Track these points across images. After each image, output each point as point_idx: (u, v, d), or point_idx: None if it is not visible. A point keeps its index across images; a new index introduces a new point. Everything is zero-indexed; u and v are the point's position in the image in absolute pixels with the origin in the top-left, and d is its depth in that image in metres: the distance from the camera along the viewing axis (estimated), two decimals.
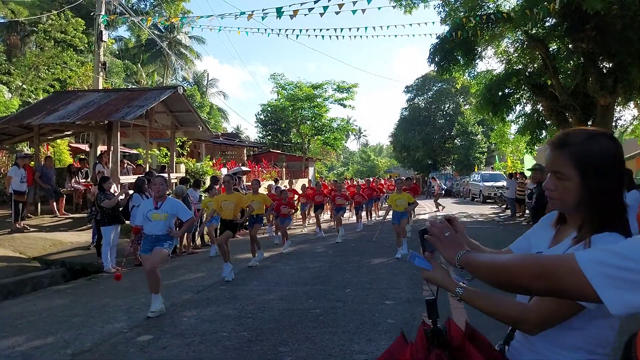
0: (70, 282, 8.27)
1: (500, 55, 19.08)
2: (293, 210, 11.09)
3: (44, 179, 11.89)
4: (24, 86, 21.85)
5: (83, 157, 15.92)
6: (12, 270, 8.30)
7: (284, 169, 26.35)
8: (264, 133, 42.14)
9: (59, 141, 16.32)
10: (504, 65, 19.10)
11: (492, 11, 16.29)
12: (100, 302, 6.44)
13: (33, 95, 21.82)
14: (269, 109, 38.01)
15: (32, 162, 12.26)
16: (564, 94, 15.56)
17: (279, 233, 10.65)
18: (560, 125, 17.11)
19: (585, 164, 1.32)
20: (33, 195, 11.94)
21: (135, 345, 4.54)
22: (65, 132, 15.01)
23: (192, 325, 5.09)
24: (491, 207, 22.03)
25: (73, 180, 13.22)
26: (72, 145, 18.13)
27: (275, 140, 40.02)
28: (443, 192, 35.81)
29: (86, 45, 23.17)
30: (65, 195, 12.94)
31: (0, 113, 16.00)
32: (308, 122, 34.41)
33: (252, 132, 54.95)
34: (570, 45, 15.90)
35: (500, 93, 18.01)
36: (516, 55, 18.82)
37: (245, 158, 28.25)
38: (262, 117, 41.73)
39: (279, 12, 11.17)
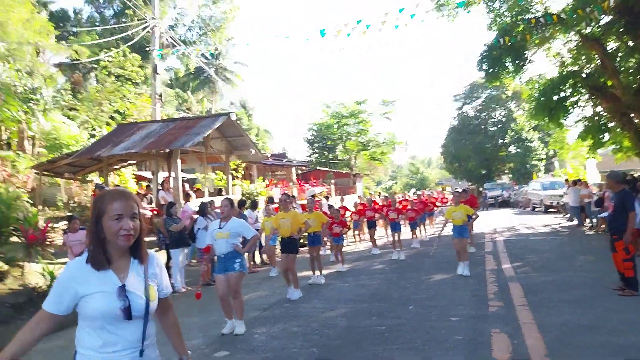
0: None
1: (552, 58, 18.50)
2: (345, 229, 11.08)
3: None
4: (89, 120, 23.31)
5: (148, 184, 16.74)
6: None
7: (332, 186, 26.51)
8: (311, 152, 42.64)
9: (123, 170, 17.29)
10: (557, 68, 18.49)
11: (541, 14, 15.89)
12: None
13: (98, 128, 23.25)
14: (315, 128, 38.54)
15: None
16: (627, 93, 14.82)
17: (334, 251, 10.72)
18: (624, 127, 16.30)
19: None
20: None
21: None
22: (129, 162, 15.90)
23: (263, 342, 5.27)
24: (554, 217, 21.14)
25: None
26: (135, 173, 19.14)
27: (322, 158, 40.38)
28: (488, 201, 34.76)
29: (143, 78, 24.52)
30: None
31: (72, 146, 17.16)
32: (353, 138, 34.56)
33: (299, 151, 55.75)
34: (629, 43, 15.21)
35: (555, 97, 17.40)
36: (570, 56, 18.19)
37: (294, 177, 28.67)
38: (308, 136, 42.33)
39: (322, 33, 11.44)
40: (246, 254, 10.72)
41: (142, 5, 24.86)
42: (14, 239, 8.05)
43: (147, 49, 19.29)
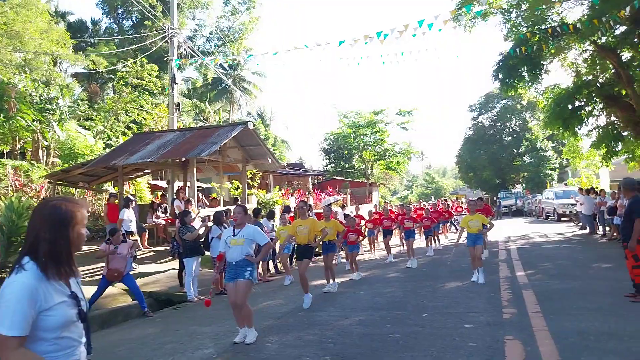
0: (157, 311, 8.79)
1: (567, 68, 18.45)
2: (361, 238, 11.14)
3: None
4: (105, 130, 23.73)
5: (163, 193, 16.96)
6: (106, 302, 8.97)
7: (348, 195, 26.56)
8: (327, 161, 42.79)
9: (138, 180, 17.54)
10: (572, 77, 18.43)
11: (557, 23, 15.88)
12: (188, 329, 6.83)
13: (114, 138, 23.64)
14: (332, 137, 38.71)
15: (117, 200, 13.25)
16: None
17: (349, 259, 10.77)
18: (638, 136, 16.18)
19: None
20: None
21: None
22: (145, 171, 16.13)
23: (276, 351, 5.31)
24: (567, 226, 20.95)
25: (154, 215, 14.13)
26: (150, 182, 19.40)
27: (339, 167, 40.48)
28: (502, 210, 34.52)
29: (159, 88, 24.93)
30: (147, 230, 13.83)
31: (87, 156, 17.46)
32: (370, 148, 34.64)
33: (315, 161, 55.99)
34: None
35: (570, 106, 17.36)
36: (585, 66, 18.13)
37: (311, 186, 28.78)
38: (325, 145, 42.50)
39: (340, 42, 11.58)
40: (261, 262, 10.87)
41: (161, 15, 25.41)
42: None
43: (165, 59, 19.63)
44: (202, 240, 9.70)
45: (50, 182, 14.92)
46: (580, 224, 18.91)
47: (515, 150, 46.29)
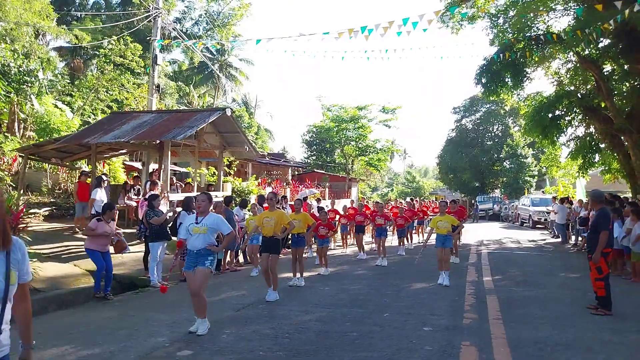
0: (119, 294, 8.58)
1: (550, 77, 18.62)
2: (331, 232, 11.06)
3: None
4: (85, 107, 23.21)
5: (136, 174, 16.65)
6: (67, 282, 8.74)
7: (327, 189, 26.48)
8: (309, 153, 42.63)
9: (114, 159, 17.16)
10: (554, 86, 18.62)
11: (542, 32, 15.98)
12: (145, 315, 6.67)
13: (93, 116, 23.12)
14: (314, 129, 38.51)
15: (89, 179, 12.92)
16: (618, 116, 14.97)
17: (319, 254, 10.69)
18: (614, 149, 16.43)
19: None
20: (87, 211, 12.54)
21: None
22: (120, 151, 15.77)
23: (230, 343, 5.19)
24: (541, 233, 21.24)
25: (126, 196, 13.82)
26: (126, 163, 19.02)
27: (320, 160, 40.36)
28: (479, 213, 35.03)
29: (142, 69, 24.43)
30: (118, 211, 13.52)
31: (63, 132, 17.01)
32: (352, 143, 34.56)
33: (297, 152, 55.77)
34: (625, 66, 15.34)
35: (550, 115, 17.53)
36: (568, 76, 18.32)
37: (290, 178, 28.64)
38: (307, 137, 42.32)
39: (325, 33, 11.44)
40: (228, 252, 10.73)
41: None
42: None
43: (148, 39, 19.20)
44: (170, 225, 9.49)
45: (22, 156, 14.49)
46: (553, 232, 19.22)
47: (496, 155, 46.78)
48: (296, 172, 33.46)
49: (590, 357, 4.64)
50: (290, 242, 9.26)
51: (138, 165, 18.69)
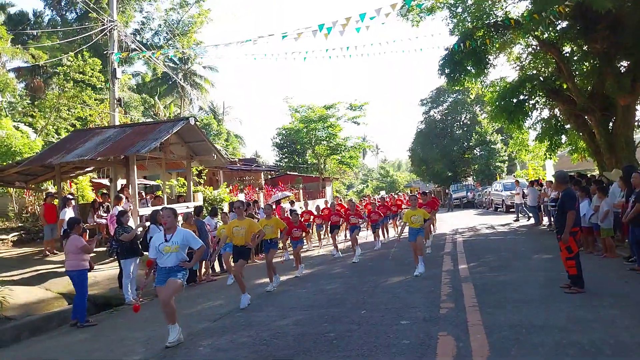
0: (93, 315, 8.34)
1: (512, 62, 18.92)
2: (304, 233, 11.02)
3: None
4: (48, 127, 22.56)
5: (105, 192, 16.27)
6: (40, 307, 8.48)
7: (301, 191, 26.40)
8: (280, 156, 42.46)
9: (80, 178, 16.73)
10: (517, 71, 18.92)
11: (501, 18, 16.20)
12: (120, 334, 6.52)
13: (56, 135, 22.48)
14: (284, 132, 38.35)
15: (56, 200, 12.57)
16: (581, 96, 15.28)
17: (294, 254, 10.64)
18: (579, 128, 16.78)
19: None
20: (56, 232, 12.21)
21: None
22: (86, 169, 15.38)
23: (206, 355, 5.10)
24: (514, 217, 21.59)
25: (96, 214, 13.49)
26: (94, 181, 18.57)
27: (292, 162, 40.24)
28: (453, 202, 35.64)
29: (103, 83, 23.86)
30: (88, 230, 13.19)
31: (25, 154, 16.51)
32: (323, 143, 34.52)
33: (269, 156, 55.52)
34: (584, 47, 15.68)
35: (514, 100, 17.79)
36: (529, 61, 18.64)
37: (263, 182, 28.44)
38: (277, 140, 42.14)
39: (283, 36, 11.37)
40: (203, 262, 10.56)
41: (106, 7, 24.25)
42: None
43: (105, 52, 18.77)
44: (141, 240, 9.28)
45: None
46: (517, 215, 19.70)
47: (466, 144, 47.43)
48: (269, 176, 33.28)
49: (565, 336, 4.68)
50: (262, 247, 9.16)
51: (106, 181, 18.26)
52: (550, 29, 15.48)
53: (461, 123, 49.27)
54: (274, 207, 11.74)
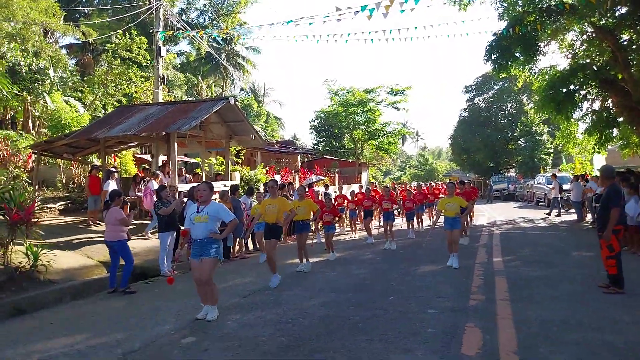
0: (130, 284, 8.65)
1: (564, 50, 18.07)
2: (337, 218, 10.97)
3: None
4: (96, 102, 23.37)
5: (147, 167, 16.76)
6: (80, 273, 8.88)
7: (336, 175, 26.36)
8: (318, 139, 42.44)
9: (124, 152, 17.29)
10: (568, 60, 18.07)
11: (554, 3, 15.46)
12: (154, 304, 6.74)
13: (103, 110, 23.27)
14: (322, 115, 38.16)
15: (100, 173, 13.06)
16: (637, 88, 14.46)
17: (325, 240, 10.65)
18: (633, 122, 15.93)
19: None
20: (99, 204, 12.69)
21: (179, 347, 4.73)
22: (130, 144, 15.86)
23: (234, 329, 5.21)
24: (556, 211, 20.89)
25: (137, 188, 13.94)
26: (136, 156, 19.15)
27: (329, 146, 40.17)
28: (494, 193, 34.70)
29: (149, 61, 24.43)
30: (129, 203, 13.64)
31: (74, 127, 17.18)
32: (361, 127, 34.14)
33: (308, 139, 55.70)
34: None
35: (564, 90, 17.03)
36: (582, 48, 17.76)
37: (299, 165, 28.58)
38: (315, 123, 42.08)
39: (325, 16, 11.28)
40: (237, 240, 10.77)
41: None
42: (1, 217, 8.03)
43: (151, 31, 19.17)
44: (178, 215, 9.53)
45: (35, 153, 14.71)
46: (552, 209, 19.03)
47: (510, 134, 46.03)
48: (306, 159, 33.39)
49: (598, 336, 4.51)
50: (295, 228, 9.23)
51: (148, 157, 18.81)
52: (608, 14, 14.66)
53: (506, 112, 47.81)
54: (307, 189, 11.77)
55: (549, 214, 18.66)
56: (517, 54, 16.63)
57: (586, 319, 5.11)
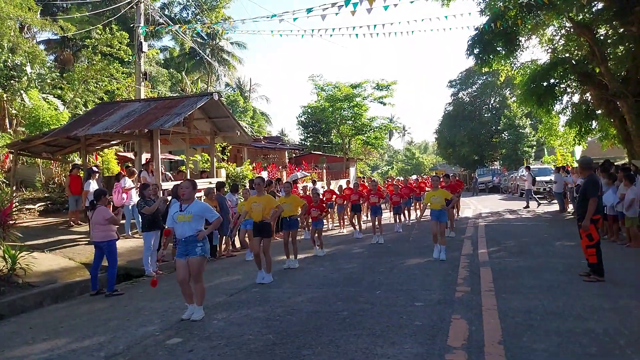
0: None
1: (544, 44, 18.31)
2: (324, 214, 10.96)
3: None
4: (76, 99, 22.96)
5: (130, 165, 16.53)
6: (61, 276, 8.72)
7: (324, 170, 26.36)
8: (305, 135, 42.37)
9: (106, 150, 17.03)
10: (548, 54, 18.33)
11: None
12: (137, 305, 6.65)
13: (84, 108, 22.87)
14: (309, 110, 38.10)
15: (81, 172, 12.85)
16: (614, 81, 14.74)
17: (312, 235, 10.63)
18: (610, 114, 16.23)
19: None
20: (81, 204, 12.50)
21: (165, 347, 4.66)
22: (112, 142, 15.61)
23: (220, 328, 5.16)
24: (534, 203, 21.21)
25: None
26: (119, 154, 18.89)
27: (316, 142, 40.13)
28: (479, 186, 35.08)
29: (131, 57, 24.07)
30: (112, 202, 13.46)
31: (53, 126, 16.85)
32: (348, 122, 34.20)
33: (295, 135, 55.54)
34: (619, 30, 15.07)
35: (544, 83, 17.29)
36: (562, 43, 18.02)
37: (287, 161, 28.51)
38: (302, 119, 41.99)
39: (308, 11, 11.21)
40: (223, 237, 10.69)
41: None
42: None
43: (132, 25, 18.88)
44: (162, 214, 9.41)
45: (12, 152, 14.38)
46: (528, 201, 19.27)
47: (494, 127, 46.53)
48: (293, 155, 33.30)
49: (580, 324, 4.60)
50: (282, 225, 9.20)
51: (131, 155, 18.56)
52: (585, 10, 14.86)
53: (490, 106, 48.31)
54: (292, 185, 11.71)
55: (526, 207, 18.85)
56: (498, 49, 16.82)
57: (568, 307, 5.20)
